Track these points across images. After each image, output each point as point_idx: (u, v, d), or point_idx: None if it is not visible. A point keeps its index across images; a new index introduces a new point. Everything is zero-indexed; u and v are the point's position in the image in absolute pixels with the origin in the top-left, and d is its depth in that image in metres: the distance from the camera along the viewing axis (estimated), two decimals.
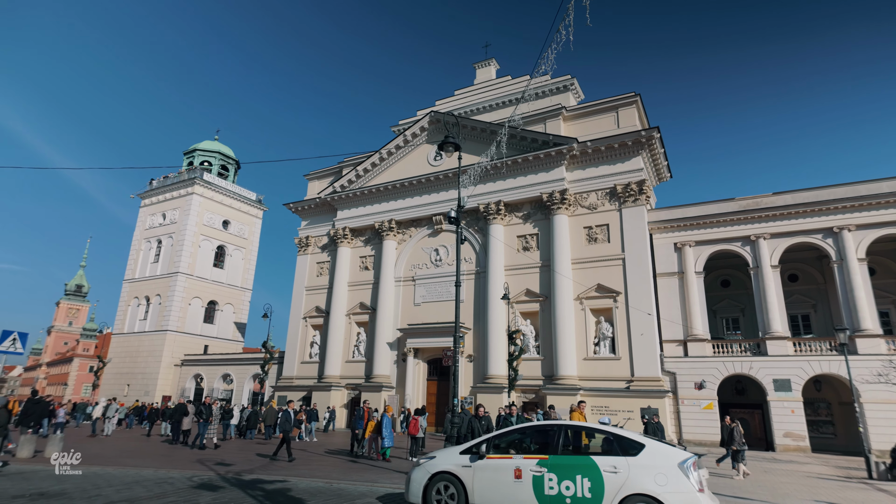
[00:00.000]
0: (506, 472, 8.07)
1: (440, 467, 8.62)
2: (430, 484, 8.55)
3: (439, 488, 8.44)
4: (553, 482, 7.70)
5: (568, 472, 7.68)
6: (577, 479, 7.57)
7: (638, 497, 7.18)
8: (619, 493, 7.27)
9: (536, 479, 7.83)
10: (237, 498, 9.44)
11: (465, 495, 8.23)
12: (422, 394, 31.44)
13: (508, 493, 7.96)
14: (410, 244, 34.49)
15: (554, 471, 7.77)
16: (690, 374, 25.58)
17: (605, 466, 7.52)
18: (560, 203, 28.96)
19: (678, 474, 7.20)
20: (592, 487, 7.44)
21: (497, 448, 8.52)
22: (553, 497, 7.64)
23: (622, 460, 7.53)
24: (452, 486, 8.37)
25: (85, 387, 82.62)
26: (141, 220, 53.82)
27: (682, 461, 7.33)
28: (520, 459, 8.12)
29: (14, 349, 15.11)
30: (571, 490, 7.54)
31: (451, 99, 40.12)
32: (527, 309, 29.17)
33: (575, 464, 7.74)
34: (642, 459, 7.48)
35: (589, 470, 7.57)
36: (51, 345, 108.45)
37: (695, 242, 27.61)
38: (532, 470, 7.91)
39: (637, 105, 29.51)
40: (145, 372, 46.09)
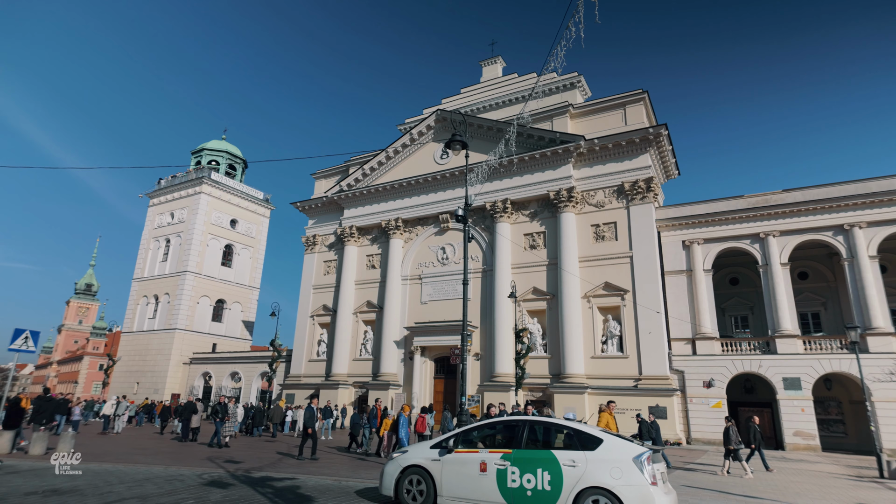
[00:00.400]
0: (472, 466, 8.38)
1: (411, 461, 8.93)
2: (401, 477, 8.87)
3: (410, 481, 8.74)
4: (515, 475, 8.00)
5: (529, 466, 7.96)
6: (537, 473, 7.86)
7: (594, 490, 7.45)
8: (576, 486, 7.55)
9: (500, 472, 8.12)
10: (247, 495, 9.49)
11: (433, 488, 8.52)
12: (429, 392, 31.48)
13: (474, 486, 8.26)
14: (417, 243, 34.51)
15: (517, 464, 8.06)
16: (699, 372, 25.44)
17: (565, 460, 7.81)
18: (567, 201, 28.86)
19: (632, 468, 7.45)
20: (552, 480, 7.72)
21: (465, 442, 8.83)
22: (515, 489, 7.94)
23: (580, 454, 7.81)
24: (422, 479, 8.67)
25: (95, 384, 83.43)
26: (149, 220, 54.20)
27: (636, 455, 7.55)
28: (485, 453, 8.43)
29: (26, 347, 15.27)
30: (532, 483, 7.84)
31: (457, 97, 40.05)
32: (534, 307, 29.12)
33: (536, 458, 8.02)
34: (599, 454, 7.76)
35: (549, 464, 7.85)
36: (61, 343, 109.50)
37: (703, 240, 27.43)
38: (496, 463, 8.22)
39: (645, 102, 29.34)
40: (154, 370, 46.45)
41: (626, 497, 7.26)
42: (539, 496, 7.74)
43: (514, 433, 8.59)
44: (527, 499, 7.85)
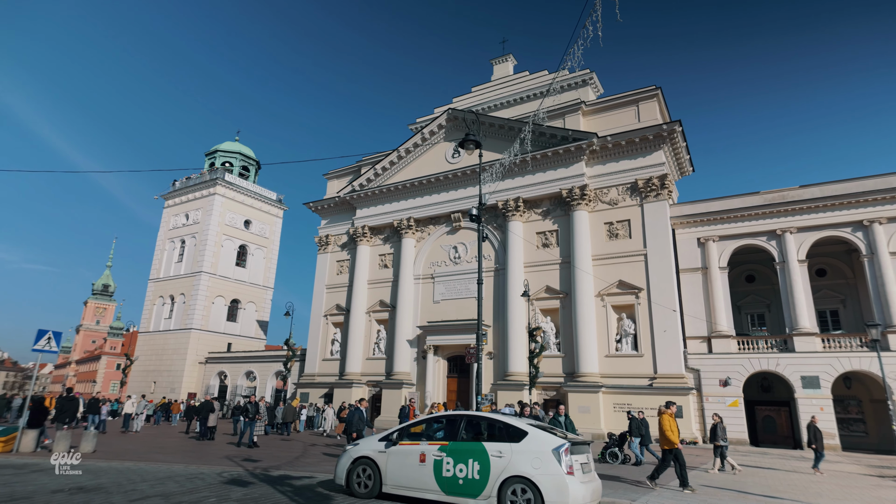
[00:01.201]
0: (413, 457, 9.17)
1: (361, 453, 9.78)
2: (352, 467, 9.68)
3: (359, 471, 9.58)
4: (450, 465, 8.77)
5: (462, 457, 8.71)
6: (469, 463, 8.61)
7: (516, 478, 8.16)
8: (501, 475, 8.27)
9: (437, 462, 8.89)
10: (267, 493, 9.60)
11: (379, 477, 9.37)
12: (442, 390, 31.55)
13: (414, 475, 9.05)
14: (429, 242, 34.57)
15: (451, 455, 8.81)
16: (715, 371, 25.21)
17: (493, 451, 8.53)
18: (580, 199, 28.72)
19: (551, 458, 8.13)
20: (480, 470, 8.47)
21: (409, 436, 9.63)
22: (449, 478, 8.70)
23: (507, 446, 8.51)
24: (370, 468, 9.51)
25: (113, 384, 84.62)
26: (165, 221, 54.87)
27: (555, 447, 8.23)
28: (425, 445, 9.20)
29: (49, 348, 15.59)
30: (464, 472, 8.59)
31: (468, 96, 40.02)
32: (547, 306, 29.03)
33: (468, 449, 8.75)
34: (524, 445, 8.45)
35: (479, 454, 8.58)
36: (79, 343, 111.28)
37: (718, 237, 27.16)
38: (434, 455, 8.97)
39: (658, 98, 29.10)
40: (171, 369, 47.06)
41: (543, 485, 7.94)
42: (469, 484, 8.48)
43: (453, 427, 9.31)
44: (458, 487, 8.59)
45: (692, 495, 10.68)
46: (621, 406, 25.32)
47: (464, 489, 8.54)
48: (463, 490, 8.54)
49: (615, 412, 25.44)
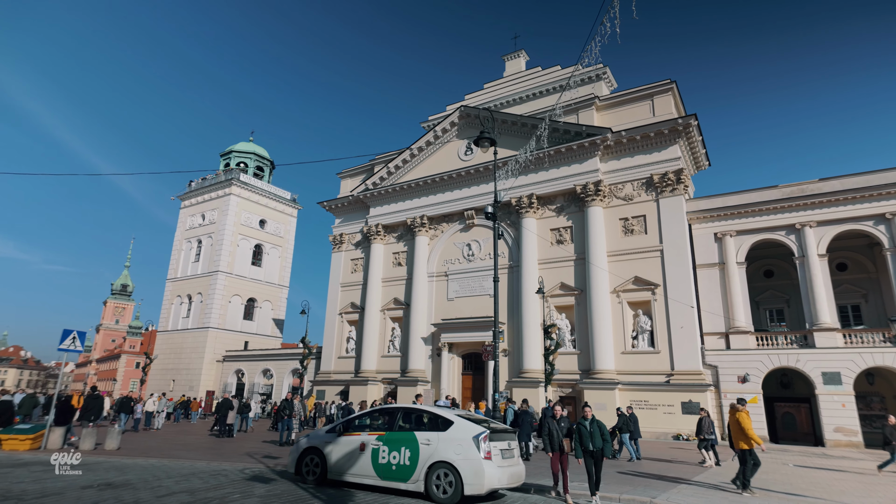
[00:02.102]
0: (354, 446, 10.09)
1: (310, 444, 10.72)
2: (301, 457, 10.64)
3: (307, 460, 10.52)
4: (385, 453, 9.68)
5: (396, 445, 9.63)
6: (401, 450, 9.53)
7: (441, 464, 9.09)
8: (428, 461, 9.19)
9: (374, 450, 9.82)
10: (289, 490, 9.75)
11: (324, 465, 10.27)
12: (457, 388, 31.62)
13: (354, 463, 9.98)
14: (442, 240, 34.62)
15: (387, 444, 9.74)
16: (733, 367, 24.95)
17: (422, 440, 9.45)
18: (594, 195, 28.55)
19: (471, 445, 9.02)
20: (411, 456, 9.39)
21: (353, 427, 10.51)
22: (384, 465, 9.62)
23: (434, 435, 9.43)
24: (318, 457, 10.42)
25: (132, 382, 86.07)
26: (181, 221, 55.60)
27: (475, 435, 9.13)
28: (366, 436, 10.12)
29: (74, 347, 15.93)
30: (397, 459, 9.51)
31: (480, 93, 39.93)
32: (562, 303, 28.94)
33: (402, 438, 9.67)
34: (449, 434, 9.34)
35: (410, 443, 9.51)
36: (99, 342, 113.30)
37: (736, 232, 26.83)
38: (372, 444, 9.90)
39: (673, 92, 28.79)
40: (189, 368, 47.76)
41: (462, 469, 8.88)
42: (401, 470, 9.41)
43: (391, 418, 10.25)
44: (392, 472, 9.51)
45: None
46: (638, 403, 25.17)
47: (396, 474, 9.44)
48: (396, 475, 9.45)
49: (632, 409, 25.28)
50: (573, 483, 11.06)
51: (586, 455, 9.32)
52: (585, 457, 9.32)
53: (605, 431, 9.30)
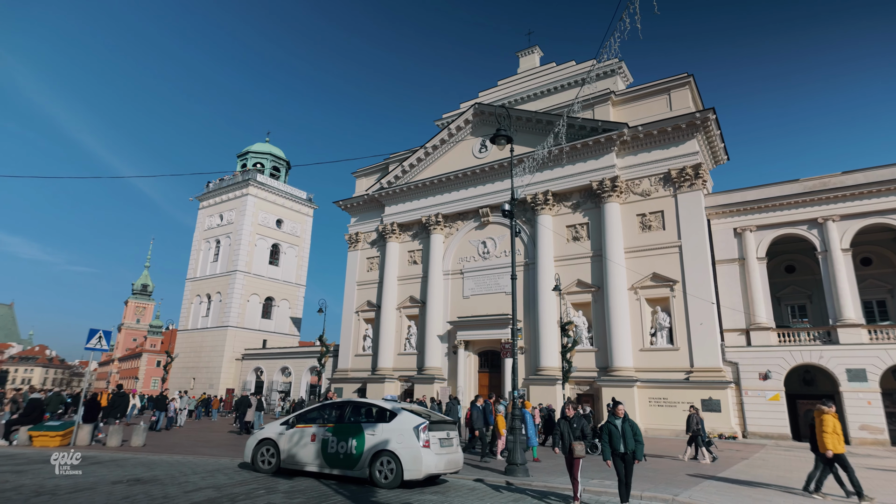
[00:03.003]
0: (306, 437, 10.88)
1: (265, 435, 11.46)
2: (257, 447, 11.35)
3: (263, 451, 11.24)
4: (334, 443, 10.49)
5: (344, 436, 10.46)
6: (349, 440, 10.36)
7: (384, 452, 9.94)
8: (373, 449, 10.03)
9: (324, 441, 10.61)
10: (312, 486, 9.88)
11: (278, 455, 11.04)
12: (473, 385, 31.67)
13: (305, 452, 10.74)
14: (457, 237, 34.64)
15: (336, 435, 10.55)
16: (754, 364, 24.62)
17: (368, 431, 10.29)
18: (611, 191, 28.33)
19: (412, 435, 9.89)
20: (357, 446, 10.22)
21: (305, 420, 11.26)
22: (332, 453, 10.42)
23: (379, 426, 10.28)
24: (272, 448, 11.17)
25: (154, 380, 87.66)
26: (200, 222, 56.38)
27: (416, 425, 9.98)
28: (316, 427, 10.91)
29: (100, 346, 16.28)
30: (345, 448, 10.33)
31: (494, 90, 39.82)
32: (579, 300, 28.79)
33: (350, 429, 10.50)
34: (392, 425, 10.18)
35: (357, 433, 10.35)
36: (121, 341, 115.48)
37: (756, 227, 26.43)
38: (322, 435, 10.70)
39: (690, 86, 28.42)
40: (209, 366, 48.49)
41: (403, 456, 9.73)
42: (348, 458, 10.23)
43: (341, 411, 11.07)
44: (340, 460, 10.32)
45: (731, 493, 10.45)
46: (657, 401, 25.00)
47: (344, 462, 10.27)
48: (343, 463, 10.27)
49: (651, 406, 25.14)
50: (593, 480, 11.04)
51: (616, 457, 8.50)
52: (615, 459, 8.52)
53: (639, 432, 8.55)
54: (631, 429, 8.49)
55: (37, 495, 8.32)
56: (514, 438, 11.92)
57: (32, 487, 8.93)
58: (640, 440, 8.48)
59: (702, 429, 16.05)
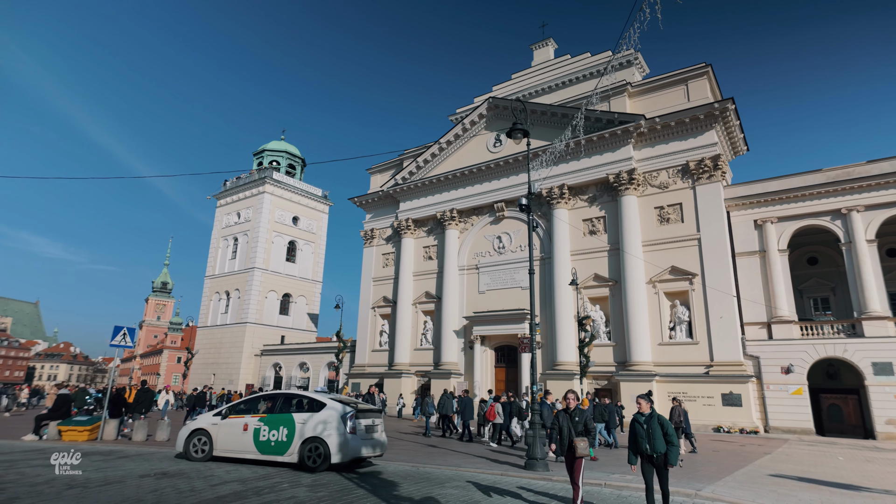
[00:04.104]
0: (238, 427, 11.65)
1: (198, 425, 12.14)
2: (189, 437, 12.00)
3: (195, 440, 11.92)
4: (265, 432, 11.32)
5: (276, 425, 11.29)
6: (279, 429, 11.22)
7: (313, 438, 10.84)
8: (303, 436, 10.94)
9: (256, 430, 11.42)
10: (335, 480, 9.99)
11: (211, 444, 11.77)
12: (490, 380, 31.68)
13: (238, 441, 11.54)
14: (472, 232, 34.60)
15: (268, 424, 11.37)
16: (776, 357, 24.24)
17: (298, 420, 11.15)
18: (628, 183, 28.04)
19: (339, 422, 10.85)
20: (288, 434, 11.10)
21: (238, 411, 12.06)
22: (264, 441, 11.28)
23: (308, 415, 11.15)
24: (205, 436, 11.88)
25: (175, 376, 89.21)
26: (218, 220, 57.12)
27: (343, 414, 10.98)
28: (249, 418, 11.69)
29: (124, 343, 16.62)
30: (276, 436, 11.20)
31: (508, 83, 39.60)
32: (596, 294, 28.61)
33: (281, 419, 11.33)
34: (321, 414, 11.08)
35: (288, 423, 11.21)
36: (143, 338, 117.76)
37: (777, 218, 25.96)
38: (254, 424, 11.50)
39: (708, 76, 27.95)
40: (229, 362, 49.22)
41: (330, 442, 10.67)
42: (279, 445, 11.11)
43: (273, 402, 11.94)
44: (271, 447, 11.17)
45: (754, 487, 10.36)
46: (676, 395, 24.72)
47: (275, 449, 11.13)
48: (274, 449, 11.14)
49: (670, 401, 24.86)
50: (614, 475, 10.99)
51: (643, 460, 7.22)
52: (642, 463, 7.23)
53: (671, 431, 7.10)
54: (661, 426, 7.10)
55: (69, 488, 8.54)
56: (534, 433, 11.92)
57: (64, 480, 9.17)
58: (672, 441, 7.06)
59: (685, 421, 16.14)
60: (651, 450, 7.07)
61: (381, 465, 12.20)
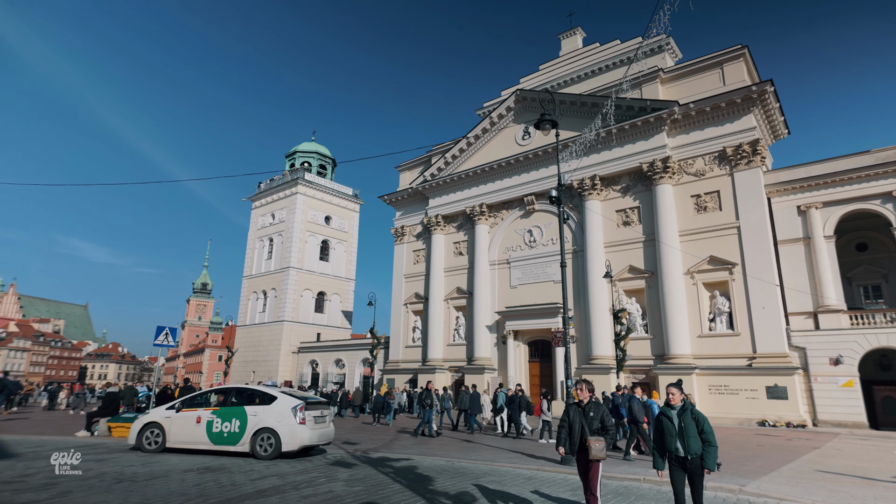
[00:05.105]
0: (191, 419, 12.24)
1: (151, 419, 12.66)
2: (142, 430, 12.47)
3: (148, 433, 12.43)
4: (218, 424, 11.96)
5: (228, 417, 11.96)
6: (232, 421, 11.89)
7: (264, 429, 11.59)
8: (255, 427, 11.68)
9: (209, 422, 12.04)
10: (371, 475, 10.10)
11: (164, 436, 12.31)
12: (524, 375, 31.46)
13: (191, 433, 12.13)
14: (503, 227, 34.37)
15: (220, 416, 12.02)
16: (823, 348, 23.22)
17: (250, 412, 11.87)
18: (662, 172, 27.30)
19: (289, 414, 11.63)
20: (240, 425, 11.81)
21: (191, 405, 12.64)
22: (217, 433, 11.91)
23: (261, 408, 11.90)
24: (158, 430, 12.41)
25: (216, 374, 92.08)
26: (253, 221, 58.51)
27: (293, 406, 11.72)
28: (202, 411, 12.28)
29: (167, 342, 17.21)
30: (228, 428, 11.87)
31: (535, 75, 39.10)
32: (631, 286, 28.01)
33: (233, 411, 12.02)
34: (273, 406, 11.84)
35: (240, 415, 11.91)
36: (185, 338, 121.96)
37: (822, 203, 24.82)
38: (207, 417, 12.12)
39: (745, 58, 26.89)
40: (267, 359, 50.45)
41: (281, 432, 11.44)
42: (231, 436, 11.79)
43: (225, 396, 12.58)
44: (223, 438, 11.83)
45: (803, 483, 9.94)
46: (717, 388, 24.06)
47: (227, 439, 11.78)
48: (227, 440, 11.78)
49: (711, 394, 24.23)
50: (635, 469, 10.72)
51: (673, 464, 5.92)
52: (672, 467, 5.93)
53: (708, 427, 5.78)
54: (695, 422, 5.80)
55: (118, 482, 8.90)
56: None
57: (113, 475, 9.56)
58: (709, 439, 5.74)
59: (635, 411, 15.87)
60: (684, 451, 5.77)
61: (417, 459, 12.27)
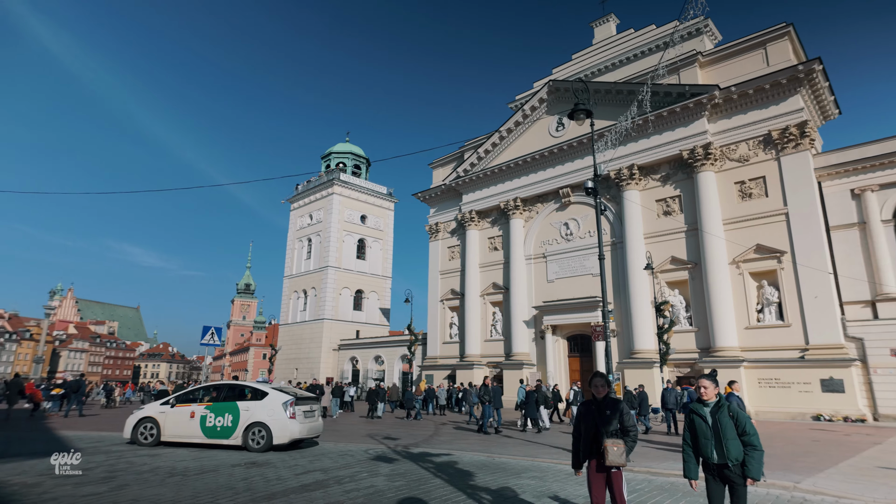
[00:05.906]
0: (185, 414, 12.81)
1: (146, 414, 13.19)
2: (137, 424, 13.08)
3: (143, 428, 13.01)
4: (212, 418, 12.54)
5: (221, 412, 12.54)
6: (225, 416, 12.47)
7: (256, 424, 12.21)
8: (247, 422, 12.27)
9: (203, 417, 12.63)
10: (412, 469, 10.18)
11: (159, 430, 12.88)
12: (563, 370, 31.09)
13: (185, 427, 12.71)
14: (538, 221, 33.98)
15: (213, 411, 12.60)
16: (883, 339, 21.97)
17: (243, 407, 12.46)
18: (704, 159, 26.38)
19: (280, 409, 12.24)
20: (233, 420, 12.40)
21: (185, 400, 13.18)
22: (210, 427, 12.51)
23: (252, 403, 12.49)
24: (152, 423, 12.98)
25: (261, 371, 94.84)
26: (292, 223, 59.86)
27: (284, 401, 12.32)
28: (195, 406, 12.87)
29: (213, 341, 17.80)
30: (221, 422, 12.45)
31: (568, 64, 38.40)
32: (673, 278, 27.22)
33: (226, 406, 12.58)
34: (264, 402, 12.41)
35: (232, 410, 12.50)
36: (231, 337, 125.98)
37: (879, 186, 23.47)
38: (201, 412, 12.70)
39: (790, 37, 25.63)
40: (309, 357, 51.61)
41: (272, 426, 12.08)
42: (224, 430, 12.38)
43: (218, 392, 13.12)
44: (216, 432, 12.42)
45: (863, 480, 9.41)
46: (767, 382, 23.12)
47: (220, 433, 12.37)
48: (219, 434, 12.36)
49: (760, 388, 23.30)
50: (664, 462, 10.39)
51: (709, 471, 4.83)
52: (707, 475, 4.86)
53: (749, 428, 4.69)
54: (733, 421, 4.74)
55: (170, 476, 9.28)
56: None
57: (166, 469, 9.97)
58: (753, 442, 4.65)
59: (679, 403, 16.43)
60: (721, 457, 4.70)
61: (457, 454, 12.29)
